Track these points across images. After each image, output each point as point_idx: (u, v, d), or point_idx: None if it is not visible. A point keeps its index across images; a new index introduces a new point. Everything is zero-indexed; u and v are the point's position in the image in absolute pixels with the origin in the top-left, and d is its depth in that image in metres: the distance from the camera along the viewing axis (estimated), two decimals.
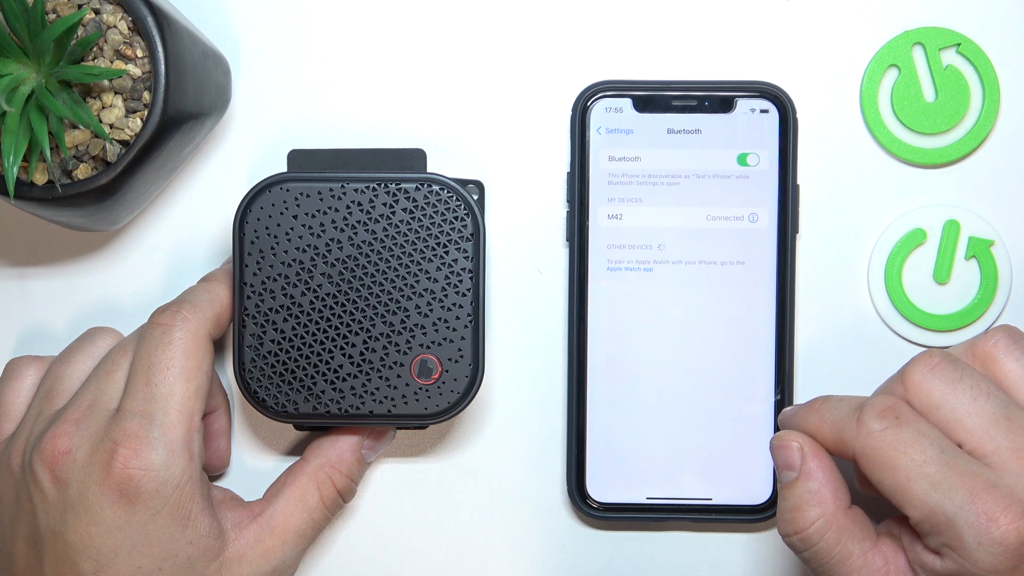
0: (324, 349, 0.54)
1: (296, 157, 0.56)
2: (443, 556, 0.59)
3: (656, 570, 0.59)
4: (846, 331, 0.58)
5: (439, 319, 0.54)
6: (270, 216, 0.54)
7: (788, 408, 0.53)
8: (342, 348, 0.54)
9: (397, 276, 0.54)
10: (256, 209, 0.54)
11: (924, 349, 0.57)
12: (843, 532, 0.49)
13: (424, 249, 0.54)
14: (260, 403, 0.54)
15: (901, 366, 0.50)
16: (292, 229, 0.54)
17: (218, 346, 0.59)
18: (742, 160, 0.57)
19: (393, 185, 0.54)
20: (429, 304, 0.54)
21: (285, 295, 0.54)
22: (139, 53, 0.52)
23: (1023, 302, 0.58)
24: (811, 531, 0.49)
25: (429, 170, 0.57)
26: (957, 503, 0.46)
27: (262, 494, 0.55)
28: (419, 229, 0.54)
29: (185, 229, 0.59)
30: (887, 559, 0.49)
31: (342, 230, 0.54)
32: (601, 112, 0.57)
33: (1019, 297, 0.58)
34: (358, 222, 0.54)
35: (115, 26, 0.52)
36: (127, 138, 0.52)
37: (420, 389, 0.54)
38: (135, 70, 0.52)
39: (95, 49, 0.52)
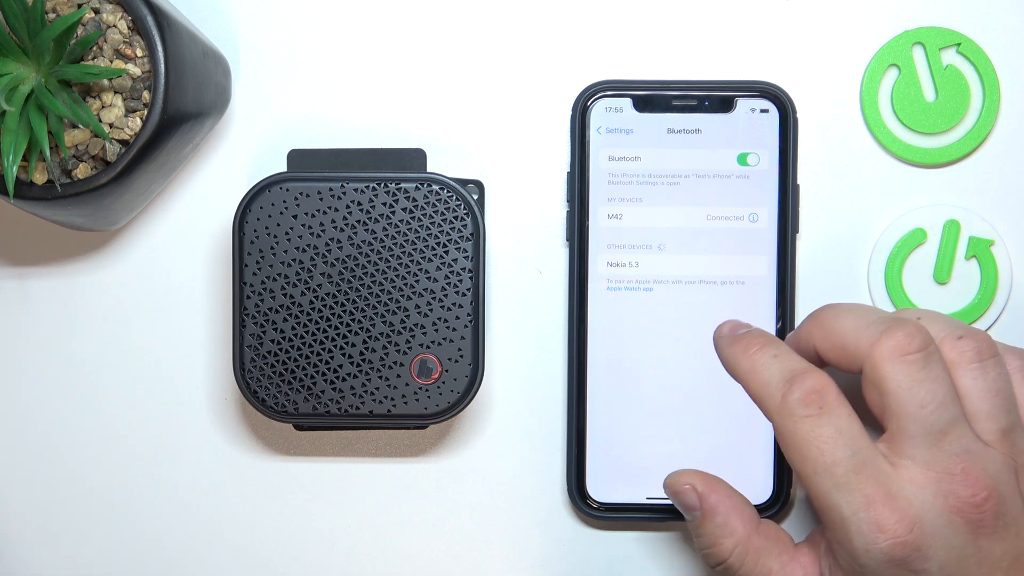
0: (324, 349, 0.54)
1: (296, 157, 0.56)
2: (443, 556, 0.59)
3: (656, 570, 0.59)
4: None
5: (439, 319, 0.54)
6: (270, 216, 0.54)
7: (726, 327, 0.53)
8: (342, 348, 0.54)
9: (397, 276, 0.54)
10: (256, 209, 0.54)
11: (913, 309, 0.56)
12: (759, 552, 0.51)
13: (424, 249, 0.54)
14: (260, 403, 0.54)
15: (886, 316, 0.49)
16: (292, 229, 0.54)
17: (218, 346, 0.59)
18: (742, 160, 0.57)
19: (393, 185, 0.54)
20: (429, 304, 0.54)
21: (285, 295, 0.54)
22: (139, 53, 0.52)
23: (1023, 302, 0.58)
24: (731, 560, 0.51)
25: (429, 170, 0.57)
26: (853, 508, 0.47)
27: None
28: (419, 229, 0.54)
29: (185, 229, 0.59)
30: (805, 569, 0.51)
31: (342, 230, 0.54)
32: (601, 112, 0.57)
33: (1019, 297, 0.58)
34: (358, 222, 0.54)
35: (115, 25, 0.52)
36: (127, 138, 0.52)
37: (420, 389, 0.54)
38: (135, 70, 0.52)
39: (95, 49, 0.52)
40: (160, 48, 0.51)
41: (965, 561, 0.47)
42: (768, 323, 0.57)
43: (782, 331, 0.57)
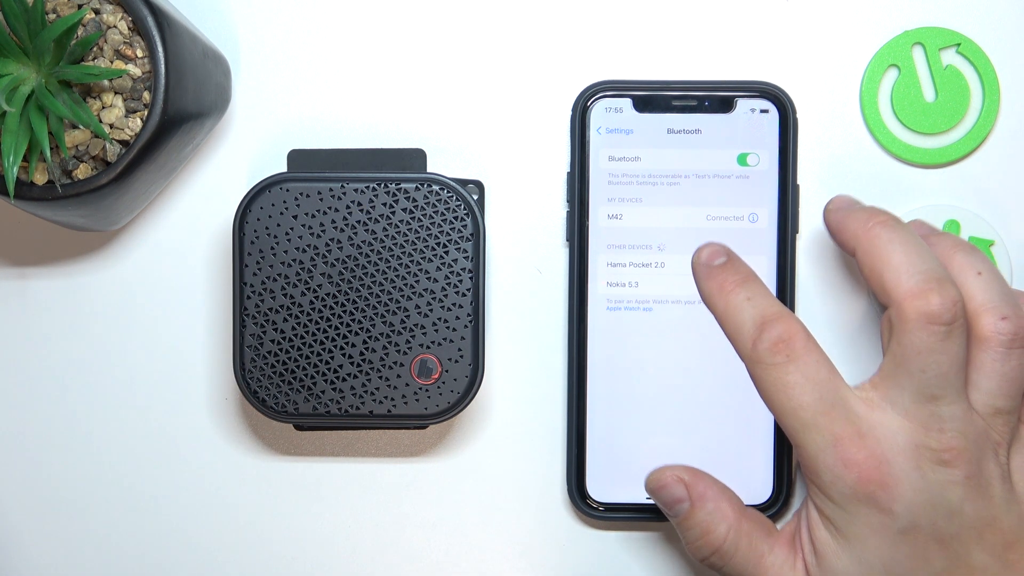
0: (324, 349, 0.54)
1: (296, 157, 0.56)
2: (443, 556, 0.59)
3: (656, 570, 0.59)
4: (846, 331, 0.58)
5: (439, 319, 0.54)
6: (270, 216, 0.54)
7: (704, 253, 0.52)
8: (342, 348, 0.54)
9: (397, 276, 0.54)
10: (256, 209, 0.54)
11: (977, 260, 0.52)
12: (751, 535, 0.52)
13: (424, 249, 0.54)
14: (260, 403, 0.54)
15: (934, 272, 0.49)
16: (292, 229, 0.54)
17: (218, 346, 0.59)
18: (742, 160, 0.57)
19: (393, 185, 0.54)
20: (429, 304, 0.54)
21: (285, 295, 0.54)
22: (139, 53, 0.52)
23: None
24: (726, 545, 0.51)
25: (429, 170, 0.57)
26: (820, 446, 0.49)
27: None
28: (419, 229, 0.54)
29: (185, 229, 0.59)
30: (786, 550, 0.52)
31: (342, 230, 0.54)
32: (601, 112, 0.57)
33: None
34: (358, 222, 0.54)
35: (115, 26, 0.52)
36: (127, 138, 0.52)
37: (420, 389, 0.54)
38: (135, 70, 0.52)
39: (95, 49, 0.52)
40: (160, 48, 0.51)
41: (935, 510, 0.48)
42: None
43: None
